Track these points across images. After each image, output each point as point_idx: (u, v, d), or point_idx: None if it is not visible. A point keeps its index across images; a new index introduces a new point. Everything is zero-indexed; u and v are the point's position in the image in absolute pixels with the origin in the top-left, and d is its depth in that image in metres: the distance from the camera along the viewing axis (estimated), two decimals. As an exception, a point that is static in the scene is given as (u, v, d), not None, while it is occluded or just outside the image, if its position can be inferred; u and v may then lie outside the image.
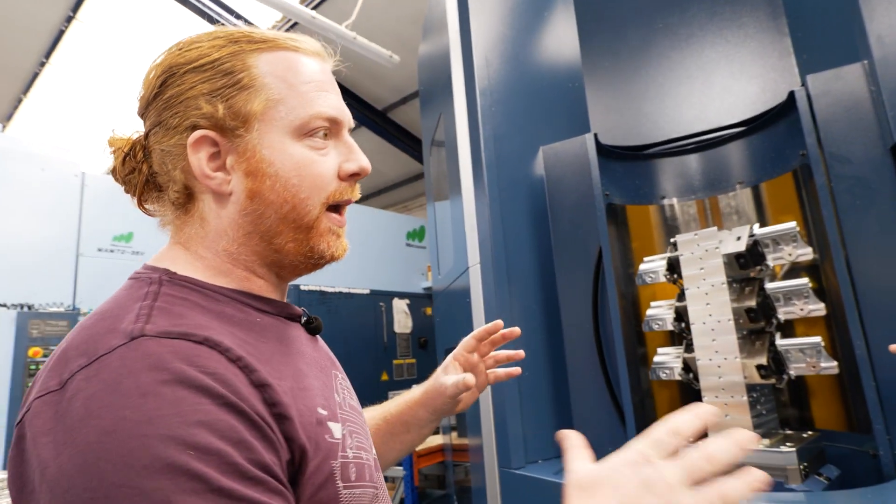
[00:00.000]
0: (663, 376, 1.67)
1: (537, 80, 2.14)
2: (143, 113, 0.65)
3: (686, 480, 0.44)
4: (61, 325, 3.26)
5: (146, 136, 0.65)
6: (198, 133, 0.60)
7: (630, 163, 1.96)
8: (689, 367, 1.62)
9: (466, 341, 0.97)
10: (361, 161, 0.66)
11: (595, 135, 1.79)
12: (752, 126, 1.79)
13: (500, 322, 0.96)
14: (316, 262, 0.66)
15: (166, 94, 0.61)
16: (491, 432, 1.69)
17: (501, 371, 1.00)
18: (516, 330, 0.96)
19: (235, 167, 0.61)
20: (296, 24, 4.71)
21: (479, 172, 1.85)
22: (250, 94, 0.60)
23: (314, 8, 4.27)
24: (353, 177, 0.66)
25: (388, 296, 5.00)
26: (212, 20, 4.73)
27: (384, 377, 4.69)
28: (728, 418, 1.46)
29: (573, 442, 0.53)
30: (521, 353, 0.98)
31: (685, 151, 1.90)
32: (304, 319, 0.71)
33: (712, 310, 1.53)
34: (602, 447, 1.68)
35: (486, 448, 1.72)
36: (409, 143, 6.61)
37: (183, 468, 0.42)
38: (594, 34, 2.18)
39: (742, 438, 0.47)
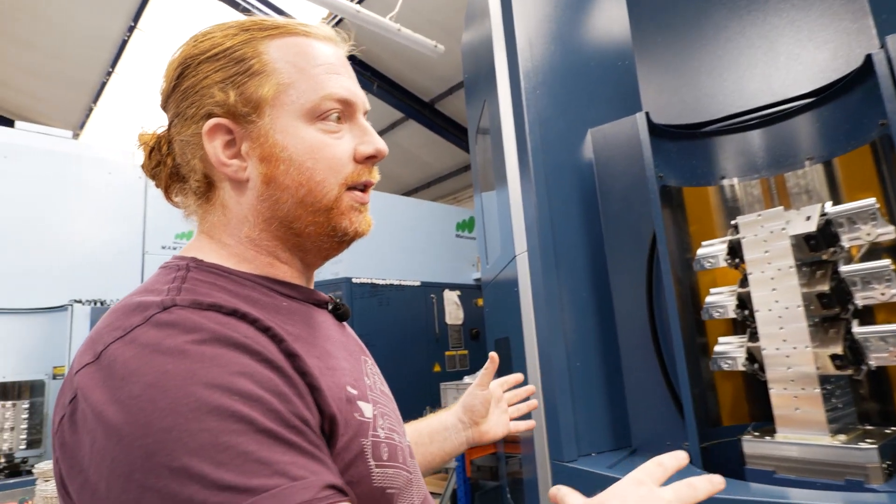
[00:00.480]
0: (725, 367, 1.57)
1: (584, 60, 2.06)
2: (164, 105, 0.66)
3: (675, 500, 0.54)
4: (130, 320, 3.45)
5: (168, 128, 0.66)
6: (212, 121, 0.60)
7: (685, 142, 1.85)
8: (753, 357, 1.52)
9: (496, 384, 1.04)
10: (377, 143, 0.66)
11: (647, 114, 1.70)
12: (824, 96, 1.65)
13: (520, 376, 1.07)
14: (340, 239, 0.66)
15: (183, 86, 0.62)
16: (542, 424, 1.65)
17: (523, 405, 1.07)
18: (531, 388, 1.07)
19: (250, 153, 0.61)
20: (341, 19, 4.76)
21: (524, 157, 1.79)
22: (261, 80, 0.60)
23: (358, 2, 4.29)
24: (370, 159, 0.66)
25: (439, 287, 5.00)
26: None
27: (436, 369, 4.70)
28: (798, 412, 1.36)
29: (564, 492, 0.60)
30: (532, 388, 1.09)
31: (747, 127, 1.78)
32: (331, 306, 0.71)
33: (779, 295, 1.42)
34: (660, 441, 1.60)
35: (536, 440, 1.68)
36: (457, 133, 6.58)
37: (229, 410, 0.43)
38: (645, 8, 2.07)
39: (716, 480, 0.58)
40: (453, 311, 4.98)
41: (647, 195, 1.68)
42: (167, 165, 0.66)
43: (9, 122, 5.26)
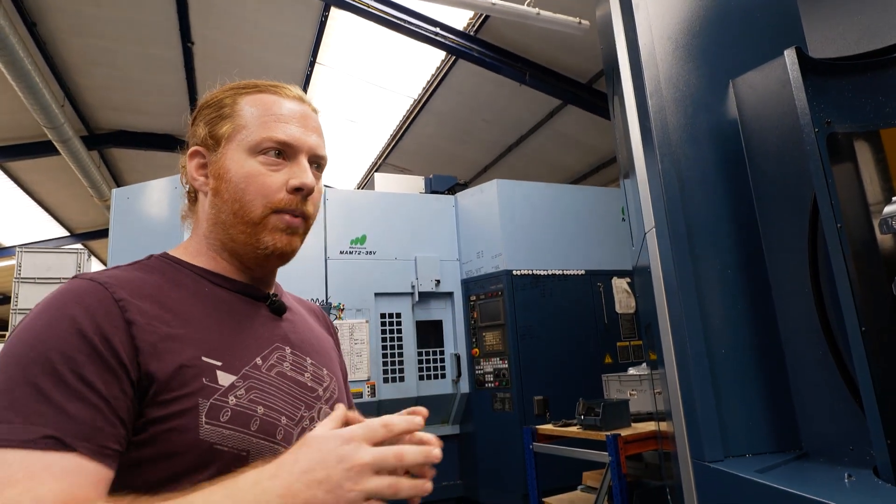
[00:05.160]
0: (929, 354, 1.22)
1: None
2: (188, 137, 0.88)
3: (374, 467, 0.56)
4: (317, 317, 3.96)
5: None
6: (192, 148, 0.83)
7: (860, 77, 1.48)
8: (968, 340, 1.15)
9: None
10: (304, 179, 0.79)
11: (797, 48, 1.41)
12: None
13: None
14: (262, 251, 0.79)
15: (192, 126, 0.85)
16: (681, 419, 1.47)
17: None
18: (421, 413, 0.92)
19: (211, 173, 0.81)
20: (484, 17, 4.81)
21: (645, 122, 1.62)
22: (225, 122, 0.80)
23: (496, -5, 4.27)
24: (297, 191, 0.78)
25: (606, 275, 4.75)
26: (422, 37, 5.10)
27: (608, 360, 4.47)
28: None
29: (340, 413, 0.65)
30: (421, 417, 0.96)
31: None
32: (269, 301, 0.84)
33: None
34: (840, 444, 1.31)
35: (677, 437, 1.50)
36: (620, 111, 6.16)
37: (24, 361, 0.61)
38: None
39: (432, 453, 0.60)
40: (623, 299, 4.67)
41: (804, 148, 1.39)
42: (187, 182, 0.88)
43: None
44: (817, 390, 1.40)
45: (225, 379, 0.69)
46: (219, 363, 0.70)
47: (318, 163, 0.84)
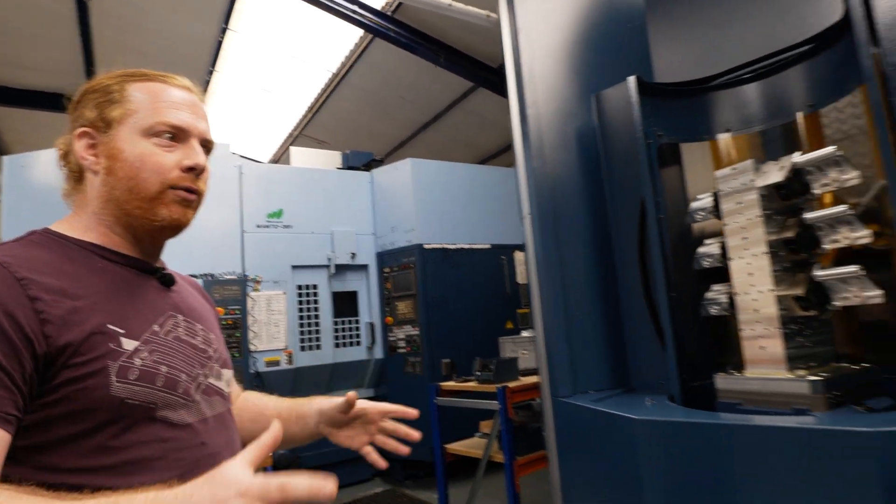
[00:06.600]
0: (713, 312, 1.68)
1: (592, 27, 2.15)
2: (70, 119, 0.93)
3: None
4: (234, 289, 4.08)
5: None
6: (80, 129, 0.88)
7: (687, 99, 1.91)
8: (733, 302, 1.62)
9: (374, 408, 1.15)
10: (196, 159, 0.89)
11: (637, 77, 1.80)
12: (817, 45, 1.65)
13: (414, 413, 1.16)
14: (158, 223, 0.87)
15: (77, 107, 0.91)
16: (544, 366, 1.87)
17: (391, 442, 1.17)
18: (412, 412, 1.16)
19: (102, 153, 0.87)
20: (399, 3, 5.00)
21: (524, 128, 1.97)
22: (116, 107, 0.87)
23: (412, -17, 4.48)
24: (191, 170, 0.88)
25: (510, 249, 5.21)
26: (340, 14, 5.17)
27: (509, 325, 4.96)
28: (763, 350, 1.47)
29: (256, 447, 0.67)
30: (416, 435, 1.17)
31: (742, 81, 1.81)
32: (158, 274, 0.93)
33: (749, 244, 1.52)
34: (654, 381, 1.75)
35: (542, 380, 1.90)
36: (527, 96, 6.58)
37: None
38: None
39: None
40: (524, 270, 5.17)
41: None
42: (69, 161, 0.91)
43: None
44: (642, 342, 1.84)
45: (129, 344, 0.78)
46: (122, 330, 0.78)
47: (206, 145, 0.93)
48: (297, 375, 4.46)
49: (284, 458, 3.99)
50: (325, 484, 0.61)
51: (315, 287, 4.73)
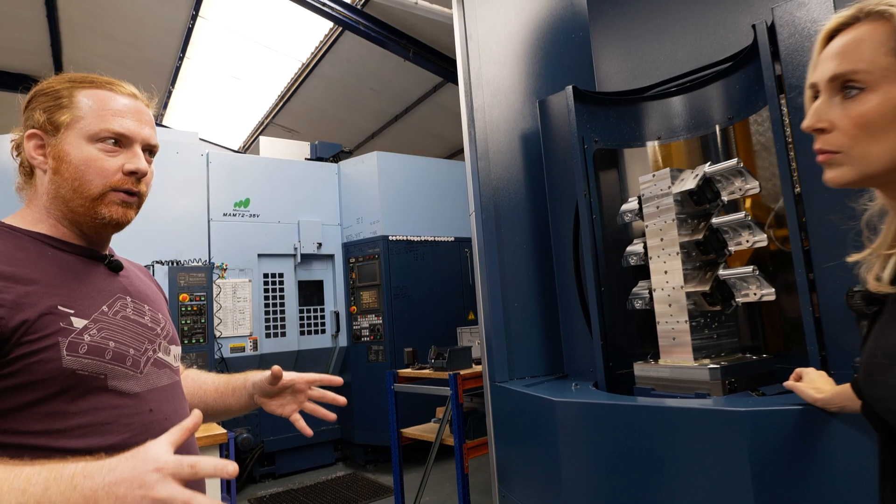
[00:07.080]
0: (637, 305, 1.84)
1: (541, 36, 2.28)
2: (22, 119, 1.00)
3: (165, 503, 0.65)
4: (200, 276, 4.12)
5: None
6: (30, 131, 0.95)
7: (622, 108, 2.06)
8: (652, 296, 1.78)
9: (302, 378, 1.22)
10: (138, 164, 0.96)
11: (574, 86, 1.93)
12: (735, 63, 1.81)
13: (339, 380, 1.23)
14: (99, 221, 0.94)
15: (27, 109, 0.97)
16: (485, 354, 2.01)
17: (321, 409, 1.24)
18: (337, 379, 1.23)
19: (49, 154, 0.94)
20: (367, 1, 5.06)
21: (472, 131, 2.09)
22: (64, 111, 0.94)
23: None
24: (132, 174, 0.95)
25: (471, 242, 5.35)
26: (309, 5, 5.19)
27: (470, 316, 5.11)
28: (674, 341, 1.63)
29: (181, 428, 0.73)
30: (342, 400, 1.25)
31: (669, 94, 1.96)
32: (106, 261, 1.00)
33: (665, 244, 1.67)
34: (584, 369, 1.90)
35: (483, 367, 2.04)
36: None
37: None
38: (595, -18, 2.24)
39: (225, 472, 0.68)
40: (487, 264, 5.33)
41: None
42: (22, 158, 0.98)
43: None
44: (576, 333, 2.00)
45: (79, 322, 0.86)
46: (72, 311, 0.86)
47: (150, 150, 0.99)
48: (261, 361, 4.54)
49: (246, 442, 4.08)
50: (227, 465, 0.68)
51: (281, 276, 4.80)
